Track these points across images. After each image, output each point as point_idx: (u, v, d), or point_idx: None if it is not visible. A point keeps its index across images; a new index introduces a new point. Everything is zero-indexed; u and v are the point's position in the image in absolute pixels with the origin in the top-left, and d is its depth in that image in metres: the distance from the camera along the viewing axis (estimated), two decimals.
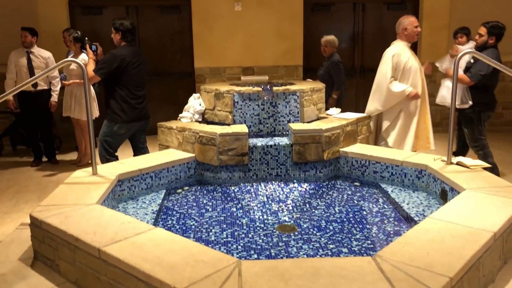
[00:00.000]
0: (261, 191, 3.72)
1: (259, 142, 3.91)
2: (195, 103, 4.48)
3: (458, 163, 3.46)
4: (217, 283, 1.84)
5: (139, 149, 4.61)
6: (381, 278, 1.87)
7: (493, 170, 4.00)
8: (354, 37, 7.69)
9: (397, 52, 4.41)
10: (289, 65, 7.44)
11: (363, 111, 4.75)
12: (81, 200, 2.79)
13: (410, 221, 3.08)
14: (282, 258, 2.67)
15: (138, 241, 2.24)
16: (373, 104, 4.57)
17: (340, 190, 3.76)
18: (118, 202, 3.41)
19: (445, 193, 3.26)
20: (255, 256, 2.70)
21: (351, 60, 7.74)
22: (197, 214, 3.33)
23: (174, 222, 3.21)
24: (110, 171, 3.45)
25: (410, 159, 3.71)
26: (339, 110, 4.59)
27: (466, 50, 3.34)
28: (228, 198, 3.60)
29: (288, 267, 1.96)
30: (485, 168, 3.41)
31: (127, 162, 3.76)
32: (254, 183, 3.84)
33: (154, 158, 3.90)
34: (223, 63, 7.31)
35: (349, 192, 3.70)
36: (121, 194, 3.46)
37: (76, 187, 3.03)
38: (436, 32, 7.33)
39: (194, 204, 3.53)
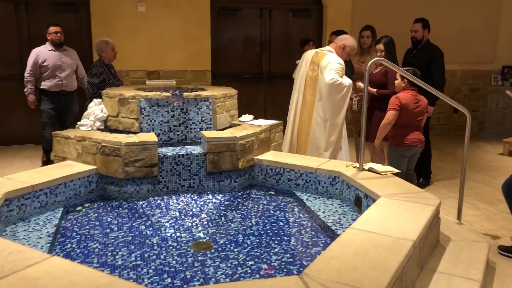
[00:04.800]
0: (172, 205, 3.46)
1: (170, 151, 3.64)
2: (96, 110, 4.08)
3: (369, 170, 3.51)
4: None
5: None
6: None
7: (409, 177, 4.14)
8: (261, 43, 7.68)
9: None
10: (197, 70, 7.21)
11: (271, 118, 4.70)
12: None
13: (327, 230, 3.03)
14: (199, 280, 2.45)
15: (31, 275, 1.88)
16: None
17: (256, 200, 3.63)
18: (6, 225, 2.94)
19: (359, 200, 3.27)
20: (169, 280, 2.45)
21: (259, 66, 7.71)
22: (101, 235, 2.98)
23: (74, 245, 2.83)
24: None
25: (324, 166, 3.69)
26: (251, 117, 4.48)
27: (376, 59, 3.40)
28: (136, 215, 3.29)
29: None
30: (395, 174, 3.49)
31: (16, 178, 3.27)
32: (164, 197, 3.56)
33: (49, 172, 3.46)
34: (126, 66, 6.86)
35: (265, 202, 3.58)
36: (9, 215, 2.99)
37: None
38: None
39: (97, 223, 3.16)
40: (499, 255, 3.24)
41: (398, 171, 3.54)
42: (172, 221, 3.23)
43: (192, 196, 3.61)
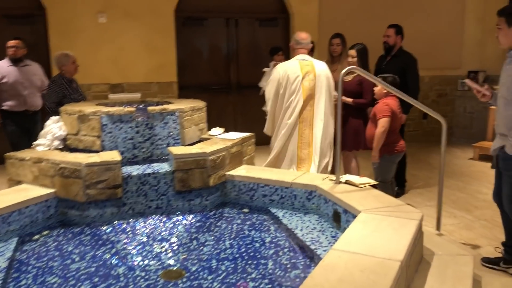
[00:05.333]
0: (139, 229, 3.21)
1: (135, 170, 3.40)
2: (54, 128, 3.79)
3: (346, 182, 3.37)
4: None
5: None
6: None
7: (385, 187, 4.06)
8: (228, 53, 7.52)
9: None
10: (162, 82, 6.98)
11: (242, 129, 4.53)
12: None
13: (305, 250, 2.85)
14: None
15: None
16: None
17: (229, 219, 3.42)
18: None
19: (338, 215, 3.11)
20: None
21: (227, 77, 7.54)
22: (61, 267, 2.71)
23: (29, 281, 2.55)
24: None
25: (300, 179, 3.53)
26: (222, 130, 4.28)
27: (350, 67, 3.28)
28: (100, 242, 3.03)
29: None
30: (373, 185, 3.36)
31: None
32: (130, 220, 3.31)
33: (1, 197, 3.15)
34: (88, 80, 6.56)
35: (239, 221, 3.37)
36: None
37: None
38: None
39: (57, 253, 2.88)
40: (482, 266, 3.14)
41: (375, 182, 3.42)
42: (139, 247, 2.98)
43: (160, 218, 3.37)
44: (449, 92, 8.36)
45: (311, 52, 5.30)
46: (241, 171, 3.78)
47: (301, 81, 4.17)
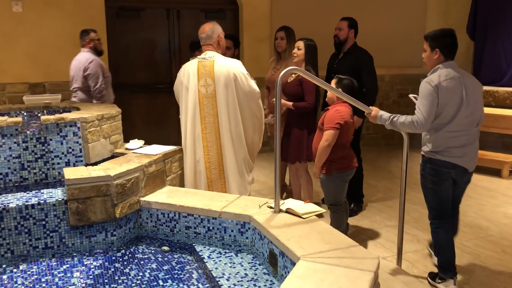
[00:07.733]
0: (17, 281, 2.43)
1: (14, 200, 2.62)
2: None
3: (288, 211, 2.71)
4: None
5: None
6: None
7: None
8: (170, 48, 6.73)
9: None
10: None
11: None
12: None
13: None
14: None
15: None
16: None
17: (142, 262, 2.68)
18: None
19: (274, 257, 2.44)
20: None
21: (169, 74, 6.75)
22: None
23: None
24: None
25: (230, 208, 2.83)
26: (141, 142, 3.51)
27: (290, 68, 2.60)
28: None
29: None
30: (319, 214, 2.72)
31: None
32: (8, 267, 2.54)
33: None
34: (2, 79, 5.65)
35: (154, 266, 2.64)
36: None
37: None
38: (257, 44, 6.81)
39: None
40: None
41: (322, 211, 2.76)
42: None
43: (49, 262, 2.60)
44: (411, 92, 7.86)
45: (236, 49, 4.67)
46: (161, 195, 3.05)
47: (197, 86, 3.43)
